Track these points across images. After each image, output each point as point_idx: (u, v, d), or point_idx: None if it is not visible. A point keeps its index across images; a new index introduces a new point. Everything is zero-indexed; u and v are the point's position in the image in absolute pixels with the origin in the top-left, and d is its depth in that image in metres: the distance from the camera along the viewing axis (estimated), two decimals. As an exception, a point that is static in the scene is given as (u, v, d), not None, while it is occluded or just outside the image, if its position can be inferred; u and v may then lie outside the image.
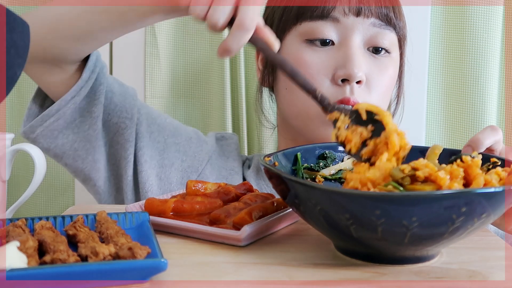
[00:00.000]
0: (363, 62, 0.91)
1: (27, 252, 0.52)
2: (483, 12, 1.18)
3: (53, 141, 0.92)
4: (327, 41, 0.92)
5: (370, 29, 0.92)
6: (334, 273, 0.56)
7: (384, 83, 0.93)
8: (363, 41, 0.92)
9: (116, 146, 0.98)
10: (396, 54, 0.96)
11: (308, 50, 0.92)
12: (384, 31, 0.92)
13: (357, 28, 0.91)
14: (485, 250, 0.64)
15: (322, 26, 0.91)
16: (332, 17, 0.91)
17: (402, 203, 0.51)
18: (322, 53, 0.92)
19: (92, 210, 0.69)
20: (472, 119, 1.20)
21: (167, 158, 1.01)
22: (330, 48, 0.92)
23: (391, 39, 0.94)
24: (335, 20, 0.91)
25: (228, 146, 1.10)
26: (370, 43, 0.93)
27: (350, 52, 0.90)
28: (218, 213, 0.67)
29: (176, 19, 1.22)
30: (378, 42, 0.92)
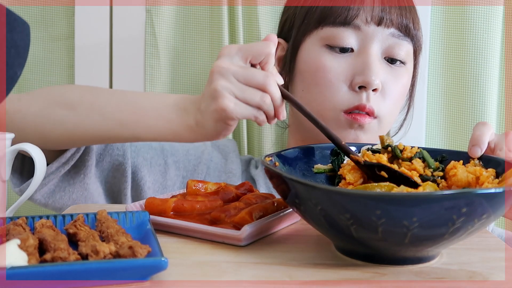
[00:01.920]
0: (380, 70, 0.93)
1: (27, 250, 0.52)
2: (483, 12, 1.18)
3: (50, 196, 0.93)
4: (347, 48, 0.93)
5: (389, 39, 0.93)
6: (334, 273, 0.56)
7: (397, 92, 0.95)
8: (381, 50, 0.94)
9: (113, 180, 0.99)
10: (410, 64, 0.98)
11: (328, 55, 0.94)
12: (402, 41, 0.94)
13: (376, 37, 0.93)
14: (485, 251, 0.64)
15: (344, 33, 0.93)
16: (354, 25, 0.92)
17: (402, 203, 0.51)
18: (341, 59, 0.93)
19: (93, 209, 0.69)
20: (472, 119, 1.20)
21: (169, 179, 1.02)
22: (349, 55, 0.93)
23: (408, 50, 0.95)
24: (357, 28, 0.93)
25: (226, 147, 1.10)
26: (387, 52, 0.94)
27: (369, 60, 0.92)
28: (219, 213, 0.67)
29: (176, 19, 1.23)
30: (394, 52, 0.94)
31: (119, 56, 1.23)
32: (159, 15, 1.21)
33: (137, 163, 0.99)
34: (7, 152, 0.73)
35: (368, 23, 0.92)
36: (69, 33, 1.24)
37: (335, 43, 0.93)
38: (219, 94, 0.72)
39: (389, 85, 0.94)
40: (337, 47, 0.93)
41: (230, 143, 1.13)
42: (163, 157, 1.02)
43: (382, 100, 0.94)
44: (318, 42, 0.95)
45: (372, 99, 0.92)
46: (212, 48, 1.23)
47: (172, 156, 1.03)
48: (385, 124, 0.95)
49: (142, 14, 1.22)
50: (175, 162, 1.03)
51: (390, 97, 0.94)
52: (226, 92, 0.72)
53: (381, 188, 0.60)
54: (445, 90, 1.23)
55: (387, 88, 0.94)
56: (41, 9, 1.24)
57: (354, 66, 0.92)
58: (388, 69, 0.95)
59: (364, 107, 0.91)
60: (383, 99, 0.94)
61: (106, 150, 0.96)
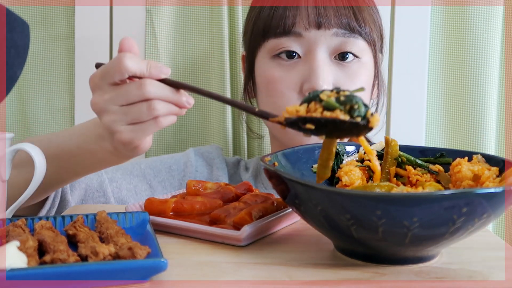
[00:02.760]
0: (329, 73, 0.92)
1: (27, 252, 0.52)
2: (483, 12, 1.18)
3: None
4: (293, 54, 0.94)
5: (334, 39, 0.92)
6: (334, 273, 0.56)
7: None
8: (328, 52, 0.93)
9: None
10: (367, 58, 0.96)
11: (276, 66, 0.95)
12: (348, 39, 0.93)
13: (320, 41, 0.92)
14: (485, 250, 0.64)
15: (287, 42, 0.93)
16: (294, 33, 0.92)
17: (403, 203, 0.51)
18: (289, 68, 0.94)
19: (92, 210, 0.69)
20: (472, 119, 1.20)
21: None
22: (297, 62, 0.94)
23: (359, 46, 0.94)
24: (298, 35, 0.92)
25: (210, 154, 1.11)
26: (336, 52, 0.94)
27: (314, 65, 0.91)
28: (218, 213, 0.67)
29: (175, 19, 1.23)
30: (343, 51, 0.93)
31: (119, 56, 1.23)
32: (159, 15, 1.21)
33: (122, 197, 1.00)
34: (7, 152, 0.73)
35: (308, 28, 0.92)
36: (69, 33, 1.24)
37: (279, 51, 0.94)
38: (112, 130, 0.69)
39: (343, 84, 0.93)
40: (282, 52, 0.94)
41: (214, 149, 1.13)
42: (146, 181, 1.03)
43: None
44: (267, 55, 0.96)
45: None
46: (212, 48, 1.23)
47: (156, 178, 1.04)
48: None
49: (142, 14, 1.22)
50: (160, 182, 1.04)
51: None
52: (116, 126, 0.68)
53: (381, 188, 0.60)
54: (445, 90, 1.23)
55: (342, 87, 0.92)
56: (41, 9, 1.24)
57: (302, 73, 0.93)
58: (340, 68, 0.94)
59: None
60: None
61: (86, 196, 0.97)
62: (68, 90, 1.25)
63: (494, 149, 1.21)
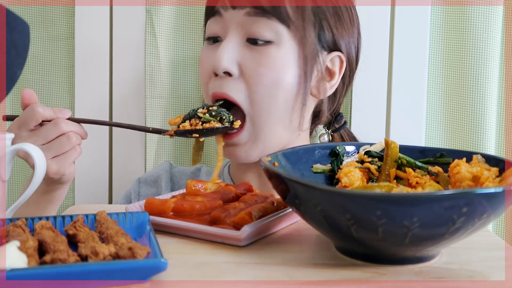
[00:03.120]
0: (232, 53, 0.90)
1: (27, 252, 0.52)
2: (483, 12, 1.18)
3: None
4: (217, 38, 0.94)
5: (247, 19, 0.90)
6: (334, 273, 0.56)
7: (264, 75, 0.89)
8: (241, 33, 0.91)
9: None
10: (286, 43, 0.90)
11: (204, 49, 0.97)
12: (261, 19, 0.89)
13: (234, 20, 0.91)
14: (485, 250, 0.64)
15: (212, 23, 0.94)
16: (217, 12, 0.93)
17: (403, 203, 0.51)
18: (211, 50, 0.94)
19: (92, 210, 0.69)
20: (472, 119, 1.20)
21: None
22: (218, 44, 0.94)
23: (274, 28, 0.89)
24: (219, 15, 0.93)
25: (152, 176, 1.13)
26: (248, 33, 0.91)
27: (221, 45, 0.91)
28: (218, 213, 0.67)
29: (175, 19, 1.23)
30: (254, 31, 0.90)
31: (119, 56, 1.23)
32: (159, 15, 1.21)
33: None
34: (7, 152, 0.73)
35: (225, 8, 0.91)
36: (69, 33, 1.24)
37: (208, 34, 0.95)
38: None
39: (248, 67, 0.90)
40: (209, 37, 0.95)
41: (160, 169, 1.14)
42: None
43: (243, 84, 0.90)
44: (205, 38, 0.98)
45: (226, 84, 0.90)
46: (212, 48, 1.23)
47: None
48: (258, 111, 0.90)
49: (142, 14, 1.22)
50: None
51: (254, 81, 0.89)
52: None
53: (381, 188, 0.60)
54: (445, 90, 1.23)
55: (246, 70, 0.90)
56: (41, 9, 1.24)
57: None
58: (249, 51, 0.90)
59: (215, 94, 0.91)
60: (243, 83, 0.90)
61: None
62: (68, 90, 1.25)
63: (494, 149, 1.21)
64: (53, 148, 0.83)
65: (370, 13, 1.18)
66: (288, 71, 0.91)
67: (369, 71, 1.19)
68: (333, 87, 0.97)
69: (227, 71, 0.90)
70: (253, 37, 0.90)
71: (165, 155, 1.25)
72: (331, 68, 0.96)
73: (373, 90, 1.21)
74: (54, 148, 0.83)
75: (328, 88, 0.96)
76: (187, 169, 1.14)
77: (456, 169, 0.65)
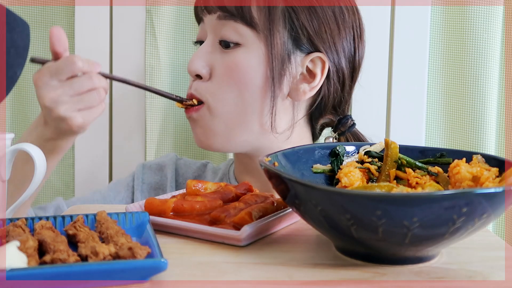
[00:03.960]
0: (204, 57, 0.93)
1: (27, 252, 0.52)
2: (483, 12, 1.18)
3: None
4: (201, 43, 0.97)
5: (217, 23, 0.92)
6: (334, 273, 0.56)
7: (230, 76, 0.92)
8: (215, 37, 0.94)
9: None
10: (253, 45, 0.91)
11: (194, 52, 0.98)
12: (227, 22, 0.91)
13: (209, 25, 0.94)
14: (485, 250, 0.64)
15: (199, 28, 0.98)
16: (200, 18, 0.97)
17: (403, 203, 0.51)
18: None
19: (92, 210, 0.69)
20: (472, 119, 1.20)
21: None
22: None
23: (239, 30, 0.91)
24: (202, 20, 0.96)
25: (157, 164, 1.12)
26: (219, 36, 0.93)
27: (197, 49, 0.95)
28: (218, 213, 0.67)
29: (176, 19, 1.23)
30: (223, 34, 0.92)
31: (119, 56, 1.23)
32: (159, 15, 1.21)
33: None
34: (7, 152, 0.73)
35: (203, 13, 0.95)
36: (69, 33, 1.24)
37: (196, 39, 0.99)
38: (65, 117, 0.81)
39: (217, 70, 0.93)
40: (197, 42, 0.99)
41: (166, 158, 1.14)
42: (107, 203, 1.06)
43: (212, 86, 0.93)
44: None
45: (197, 86, 0.94)
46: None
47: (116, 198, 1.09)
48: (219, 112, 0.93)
49: (142, 14, 1.22)
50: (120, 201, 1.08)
51: (219, 82, 0.92)
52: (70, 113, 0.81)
53: (381, 188, 0.60)
54: (445, 90, 1.23)
55: (215, 73, 0.93)
56: (41, 9, 1.24)
57: None
58: (220, 54, 0.93)
59: (187, 94, 0.95)
60: (212, 85, 0.93)
61: None
62: (68, 90, 1.25)
63: (494, 149, 1.21)
64: (82, 101, 0.82)
65: (370, 13, 1.18)
66: (255, 73, 0.92)
67: (369, 71, 1.19)
68: (314, 89, 0.95)
69: (197, 73, 0.93)
70: (224, 39, 0.92)
71: (166, 151, 1.25)
72: (312, 69, 0.94)
73: (373, 90, 1.21)
74: (84, 102, 0.82)
75: (308, 90, 0.94)
76: (193, 163, 1.14)
77: (456, 169, 0.65)
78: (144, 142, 1.24)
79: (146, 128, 1.24)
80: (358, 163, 0.73)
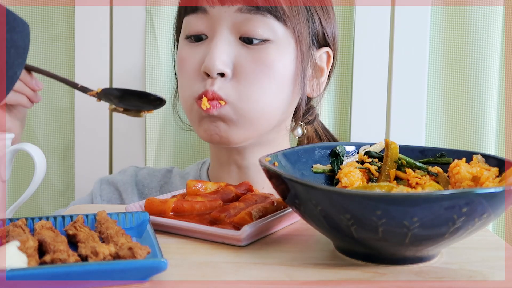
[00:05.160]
0: (227, 53, 0.86)
1: (27, 252, 0.52)
2: (483, 12, 1.18)
3: None
4: (201, 36, 0.89)
5: (238, 16, 0.86)
6: (334, 273, 0.56)
7: (259, 74, 0.87)
8: (233, 31, 0.87)
9: None
10: (284, 41, 0.88)
11: (186, 47, 0.91)
12: (254, 16, 0.85)
13: (223, 18, 0.86)
14: (485, 250, 0.64)
15: (194, 20, 0.89)
16: (201, 9, 0.88)
17: (403, 203, 0.51)
18: (195, 48, 0.90)
19: (92, 210, 0.69)
20: (472, 119, 1.20)
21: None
22: (203, 43, 0.89)
23: (269, 25, 0.86)
24: (204, 12, 0.88)
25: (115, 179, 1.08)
26: (241, 31, 0.87)
27: (212, 44, 0.87)
28: (218, 213, 0.67)
29: (176, 19, 1.23)
30: (248, 29, 0.86)
31: (119, 56, 1.23)
32: (159, 15, 1.21)
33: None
34: (7, 152, 0.73)
35: (212, 4, 0.86)
36: (69, 33, 1.24)
37: (189, 32, 0.90)
38: None
39: (244, 67, 0.86)
40: (191, 35, 0.90)
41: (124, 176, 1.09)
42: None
43: (237, 85, 0.87)
44: (182, 36, 0.93)
45: (218, 84, 0.86)
46: (212, 48, 1.23)
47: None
48: (245, 111, 0.87)
49: (142, 14, 1.22)
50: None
51: (246, 80, 0.86)
52: None
53: (381, 188, 0.60)
54: (445, 90, 1.23)
55: (241, 70, 0.86)
56: (41, 9, 1.24)
57: (204, 53, 0.88)
58: (244, 50, 0.87)
59: (207, 92, 0.86)
60: (237, 84, 0.87)
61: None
62: (68, 90, 1.25)
63: (494, 149, 1.21)
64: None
65: (370, 13, 1.18)
66: (287, 71, 0.89)
67: (369, 71, 1.20)
68: (323, 84, 0.95)
69: (222, 72, 0.86)
70: (248, 36, 0.86)
71: (165, 155, 1.25)
72: (320, 64, 0.94)
73: (373, 90, 1.21)
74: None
75: (318, 86, 0.94)
76: (157, 171, 1.10)
77: (455, 169, 0.65)
78: (144, 143, 1.24)
79: (146, 129, 1.24)
80: (358, 163, 0.73)
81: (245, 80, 0.87)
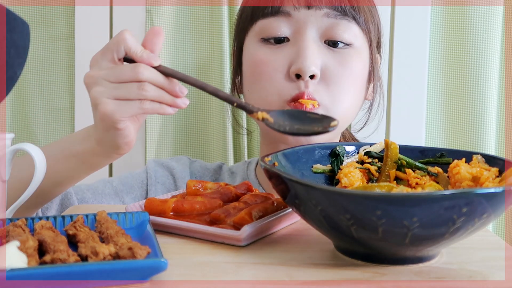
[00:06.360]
0: (317, 55, 0.88)
1: (27, 252, 0.52)
2: (483, 12, 1.18)
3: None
4: (282, 39, 0.90)
5: (324, 20, 0.88)
6: (334, 273, 0.56)
7: (344, 76, 0.89)
8: (318, 34, 0.89)
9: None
10: (362, 46, 0.92)
11: (264, 48, 0.91)
12: (340, 21, 0.88)
13: (309, 21, 0.88)
14: (485, 250, 0.64)
15: (275, 22, 0.89)
16: (283, 12, 0.89)
17: (403, 203, 0.51)
18: (277, 51, 0.90)
19: (92, 210, 0.69)
20: (472, 119, 1.20)
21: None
22: (285, 45, 0.90)
23: (352, 31, 0.90)
24: (287, 15, 0.89)
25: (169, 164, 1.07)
26: (326, 35, 0.89)
27: (302, 46, 0.87)
28: (218, 213, 0.67)
29: (176, 19, 1.23)
30: (334, 33, 0.88)
31: (119, 56, 1.23)
32: (159, 15, 1.21)
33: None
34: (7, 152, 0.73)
35: (298, 7, 0.88)
36: (69, 33, 1.24)
37: (269, 34, 0.90)
38: (96, 101, 0.71)
39: (332, 70, 0.88)
40: (271, 38, 0.90)
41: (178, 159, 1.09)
42: (119, 199, 1.01)
43: (326, 87, 0.88)
44: (254, 38, 0.92)
45: (311, 86, 0.87)
46: (212, 48, 1.23)
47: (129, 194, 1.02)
48: (335, 114, 0.88)
49: (142, 14, 1.22)
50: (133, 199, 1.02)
51: (335, 84, 0.89)
52: (102, 97, 0.70)
53: (381, 188, 0.60)
54: (445, 90, 1.23)
55: (329, 74, 0.88)
56: (41, 9, 1.24)
57: (290, 55, 0.89)
58: (330, 53, 0.89)
59: (303, 95, 0.87)
60: (326, 86, 0.88)
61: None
62: (68, 90, 1.26)
63: (494, 149, 1.21)
64: (119, 89, 0.70)
65: (370, 13, 1.18)
66: (363, 75, 0.93)
67: (369, 71, 1.19)
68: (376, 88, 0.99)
69: (314, 74, 0.87)
70: (334, 39, 0.89)
71: (165, 155, 1.25)
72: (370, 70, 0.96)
73: (373, 90, 1.21)
74: (120, 91, 0.70)
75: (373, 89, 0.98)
76: (208, 165, 1.10)
77: (455, 169, 0.65)
78: (144, 142, 1.24)
79: (146, 128, 1.24)
80: (358, 163, 0.73)
81: (334, 83, 0.89)
